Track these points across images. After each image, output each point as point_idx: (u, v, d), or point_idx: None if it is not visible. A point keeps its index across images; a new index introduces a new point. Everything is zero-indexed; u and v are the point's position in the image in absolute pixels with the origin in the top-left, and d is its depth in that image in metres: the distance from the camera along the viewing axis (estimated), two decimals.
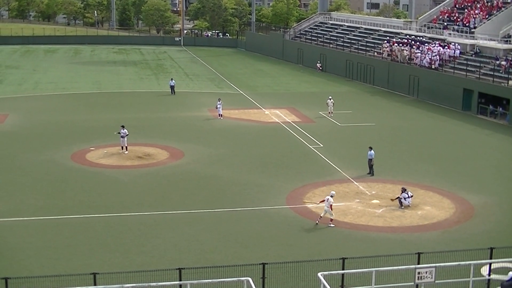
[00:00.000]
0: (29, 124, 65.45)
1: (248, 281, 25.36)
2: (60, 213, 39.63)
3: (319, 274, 25.99)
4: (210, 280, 26.17)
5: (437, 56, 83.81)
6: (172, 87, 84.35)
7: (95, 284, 26.22)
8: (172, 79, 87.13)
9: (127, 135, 53.63)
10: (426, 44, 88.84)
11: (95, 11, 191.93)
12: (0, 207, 40.84)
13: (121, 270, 29.14)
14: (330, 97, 71.13)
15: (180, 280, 26.87)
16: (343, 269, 27.90)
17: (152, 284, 25.48)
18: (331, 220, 37.89)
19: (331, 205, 37.70)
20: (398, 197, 41.39)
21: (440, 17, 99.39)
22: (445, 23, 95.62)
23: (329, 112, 70.16)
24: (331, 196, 38.12)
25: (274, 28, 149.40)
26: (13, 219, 38.83)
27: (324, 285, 25.31)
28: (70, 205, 41.30)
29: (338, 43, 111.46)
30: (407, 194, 41.28)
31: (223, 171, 49.08)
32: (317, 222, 37.97)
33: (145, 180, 46.84)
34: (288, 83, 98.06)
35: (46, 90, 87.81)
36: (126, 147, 53.20)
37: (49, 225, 37.96)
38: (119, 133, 53.73)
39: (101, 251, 34.03)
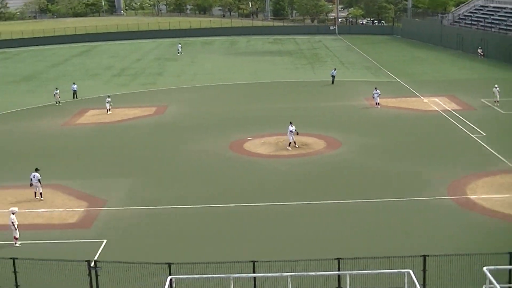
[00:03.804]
0: (187, 115, 66.97)
1: (408, 273, 24.54)
2: (220, 202, 40.26)
3: (484, 268, 24.80)
4: (369, 271, 25.60)
5: None
6: (333, 77, 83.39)
7: (254, 272, 26.27)
8: (335, 69, 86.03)
9: (295, 131, 52.43)
10: None
11: (250, 2, 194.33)
12: (162, 195, 42.02)
13: (280, 258, 29.09)
14: (496, 86, 67.90)
15: (339, 270, 26.48)
16: (511, 264, 26.52)
17: (311, 273, 25.22)
18: None
19: None
20: None
21: None
22: None
23: (495, 101, 67.11)
24: None
25: (431, 14, 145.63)
26: (175, 207, 39.81)
27: (490, 280, 24.08)
28: (227, 193, 41.87)
29: (500, 26, 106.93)
30: None
31: (379, 161, 48.18)
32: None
33: (302, 169, 46.73)
34: (447, 70, 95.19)
35: (203, 81, 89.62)
36: (295, 142, 52.16)
37: (210, 213, 38.65)
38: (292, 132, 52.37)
39: (260, 239, 34.25)
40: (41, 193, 41.68)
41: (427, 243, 32.92)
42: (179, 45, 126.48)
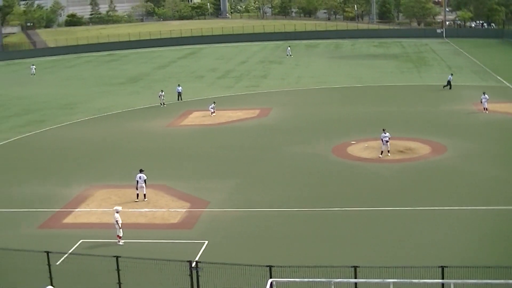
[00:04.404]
0: (291, 117, 66.87)
1: None
2: (321, 205, 39.93)
3: None
4: (475, 281, 24.80)
5: None
6: (449, 82, 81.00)
7: (355, 277, 25.86)
8: (451, 74, 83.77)
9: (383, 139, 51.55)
10: None
11: (355, 5, 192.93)
12: (264, 197, 42.00)
13: (382, 264, 28.53)
14: None
15: (443, 278, 25.72)
16: None
17: (414, 280, 24.62)
18: None
19: None
20: None
21: None
22: None
23: None
24: None
25: None
26: (276, 209, 39.70)
27: None
28: (330, 197, 41.50)
29: None
30: None
31: (486, 167, 46.74)
32: None
33: (406, 174, 45.86)
34: None
35: (307, 84, 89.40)
36: (388, 151, 51.22)
37: (311, 216, 38.40)
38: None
39: (361, 244, 33.77)
40: (144, 194, 42.26)
41: None
42: (289, 48, 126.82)
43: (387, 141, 50.22)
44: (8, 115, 76.12)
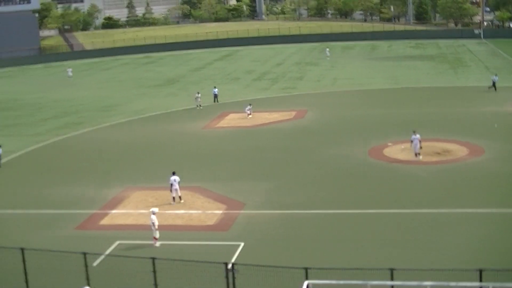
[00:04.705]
0: (327, 119, 66.70)
1: None
2: (356, 207, 39.79)
3: None
4: None
5: None
6: (494, 83, 79.57)
7: (392, 280, 25.68)
8: (496, 74, 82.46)
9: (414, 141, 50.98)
10: None
11: (392, 6, 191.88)
12: (300, 199, 41.96)
13: (417, 267, 28.31)
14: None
15: (481, 281, 25.42)
16: None
17: (451, 283, 24.38)
18: None
19: None
20: None
21: None
22: None
23: None
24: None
25: None
26: (312, 211, 39.63)
27: None
28: (366, 199, 41.32)
29: None
30: None
31: None
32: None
33: (443, 176, 45.47)
34: None
35: (343, 86, 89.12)
36: (419, 153, 50.54)
37: (347, 218, 38.29)
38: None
39: (397, 246, 33.57)
40: (180, 196, 42.39)
41: None
42: (327, 49, 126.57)
43: (416, 143, 49.68)
44: (46, 118, 76.93)
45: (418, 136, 49.56)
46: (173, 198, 42.24)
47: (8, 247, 31.82)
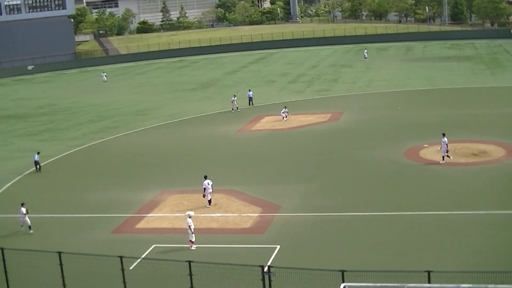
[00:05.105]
0: (362, 121, 66.36)
1: None
2: (392, 209, 39.55)
3: None
4: None
5: None
6: None
7: (429, 282, 25.44)
8: None
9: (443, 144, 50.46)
10: None
11: (427, 7, 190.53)
12: (335, 202, 41.83)
13: (455, 269, 28.01)
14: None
15: None
16: None
17: (489, 286, 24.05)
18: None
19: None
20: None
21: None
22: None
23: None
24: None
25: None
26: (348, 213, 39.48)
27: None
28: (401, 201, 41.07)
29: None
30: None
31: None
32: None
33: (480, 178, 45.04)
34: None
35: (379, 87, 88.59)
36: (448, 156, 50.07)
37: (382, 220, 38.03)
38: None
39: (434, 249, 33.32)
40: (209, 200, 42.43)
41: None
42: (365, 51, 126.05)
43: (444, 146, 49.10)
44: (82, 122, 77.56)
45: (445, 139, 48.97)
46: (209, 201, 42.32)
47: (46, 251, 32.13)
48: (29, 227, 40.15)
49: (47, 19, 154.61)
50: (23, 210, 40.21)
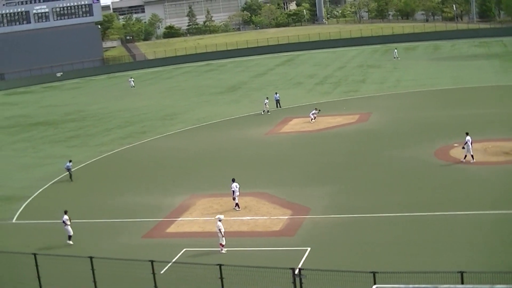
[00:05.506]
0: (391, 122, 65.96)
1: None
2: (423, 210, 39.22)
3: None
4: None
5: None
6: None
7: (462, 283, 25.17)
8: None
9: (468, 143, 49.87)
10: None
11: (454, 5, 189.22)
12: (365, 203, 41.60)
13: (488, 269, 27.70)
14: None
15: None
16: None
17: None
18: None
19: None
20: None
21: None
22: None
23: None
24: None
25: None
26: (378, 214, 39.21)
27: None
28: (432, 201, 40.72)
29: None
30: None
31: None
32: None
33: (510, 177, 44.48)
34: None
35: (407, 87, 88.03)
36: (472, 156, 49.57)
37: (412, 221, 37.71)
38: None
39: (467, 249, 32.95)
40: (237, 204, 42.42)
41: None
42: (395, 50, 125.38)
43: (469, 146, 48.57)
44: (110, 127, 77.94)
45: (468, 138, 48.43)
46: (237, 204, 42.28)
47: (78, 256, 32.30)
48: (69, 236, 39.14)
49: (74, 26, 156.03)
50: (66, 217, 39.37)
